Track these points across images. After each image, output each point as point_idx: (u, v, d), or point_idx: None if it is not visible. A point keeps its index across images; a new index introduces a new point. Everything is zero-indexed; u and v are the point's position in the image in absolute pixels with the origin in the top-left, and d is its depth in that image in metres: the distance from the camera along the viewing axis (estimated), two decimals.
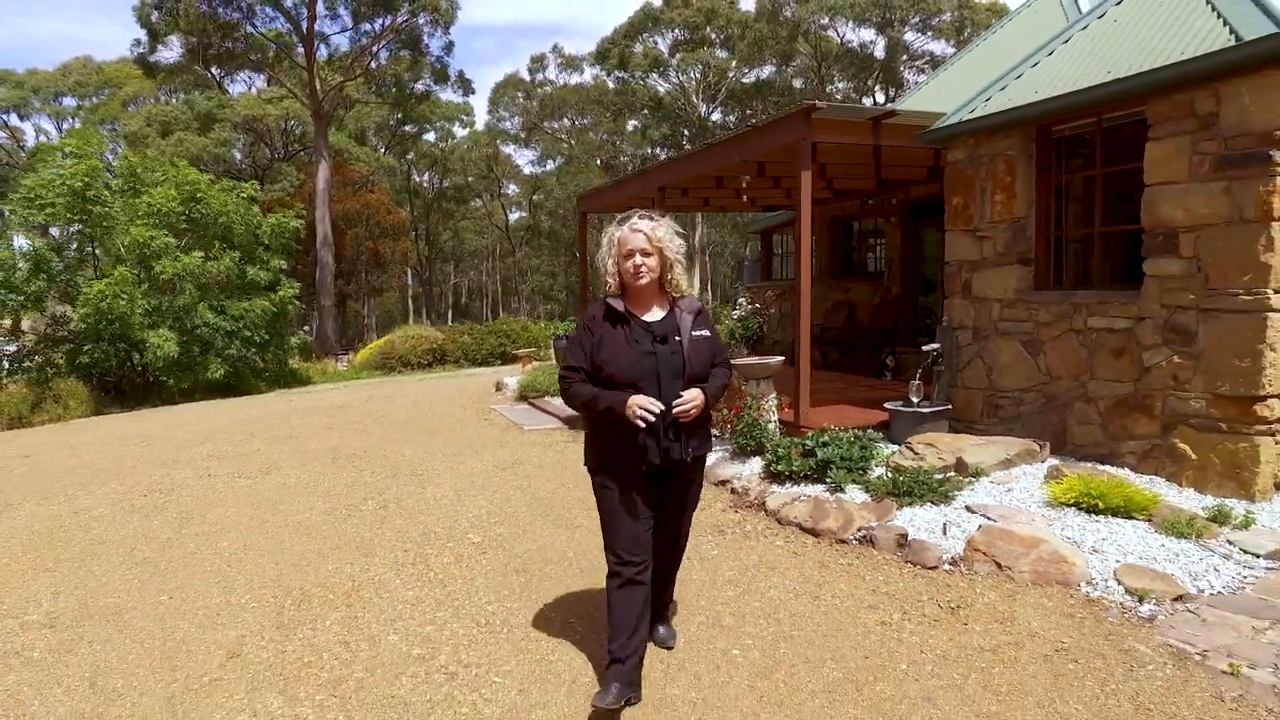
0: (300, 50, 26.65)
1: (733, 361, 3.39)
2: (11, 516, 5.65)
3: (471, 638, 3.42)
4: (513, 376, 12.57)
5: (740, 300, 14.80)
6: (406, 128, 43.69)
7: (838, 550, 4.38)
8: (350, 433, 8.93)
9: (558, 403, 9.43)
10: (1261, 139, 4.46)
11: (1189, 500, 4.68)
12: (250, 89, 38.92)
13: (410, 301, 55.99)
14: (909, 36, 43.08)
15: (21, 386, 13.43)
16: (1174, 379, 5.02)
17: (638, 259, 2.84)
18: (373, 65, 28.58)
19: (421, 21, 27.07)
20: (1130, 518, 4.34)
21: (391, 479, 6.47)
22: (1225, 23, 4.75)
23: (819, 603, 3.68)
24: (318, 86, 25.59)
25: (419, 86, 31.19)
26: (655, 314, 2.93)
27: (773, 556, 4.35)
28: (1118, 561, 3.84)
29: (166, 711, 2.86)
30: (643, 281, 2.87)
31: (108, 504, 5.92)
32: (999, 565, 3.92)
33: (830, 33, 43.57)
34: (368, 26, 26.66)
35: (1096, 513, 4.41)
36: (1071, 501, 4.52)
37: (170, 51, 27.82)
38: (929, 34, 42.97)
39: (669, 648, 3.27)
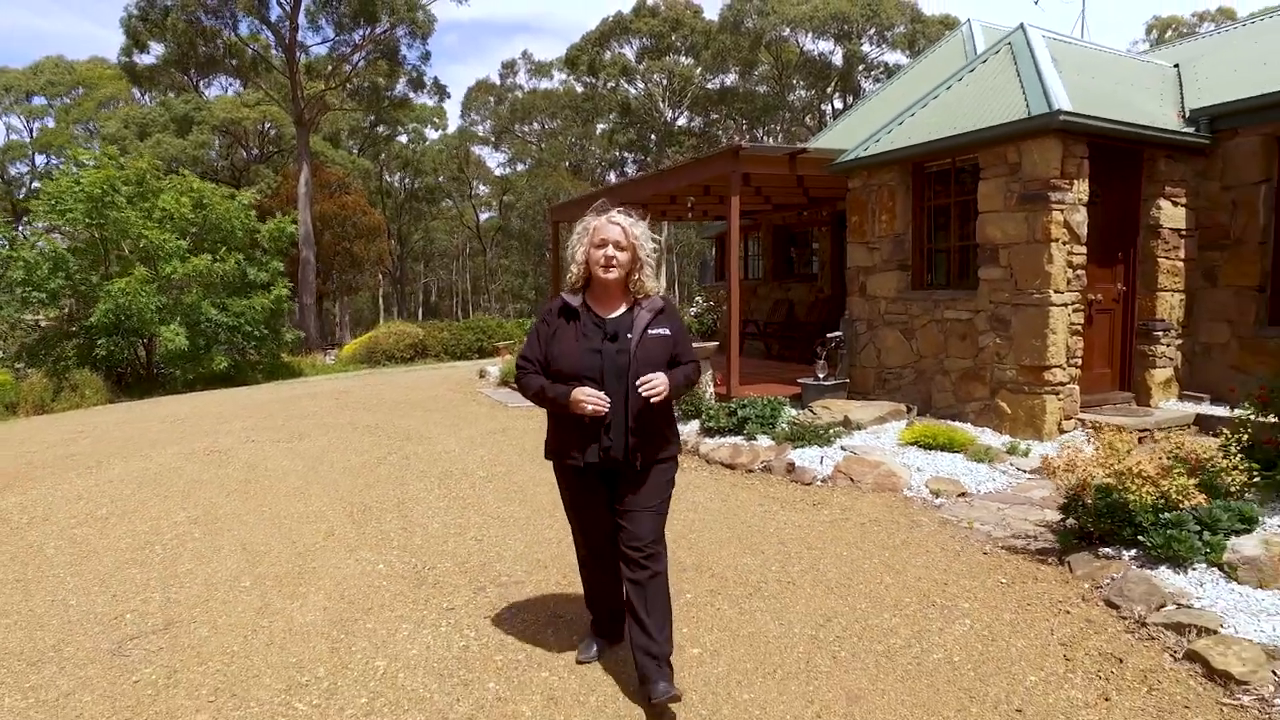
0: (282, 58, 27.82)
1: None
2: (110, 468, 7.15)
3: (489, 525, 5.08)
4: (494, 366, 14.16)
5: (697, 299, 16.60)
6: (380, 129, 44.81)
7: (746, 476, 6.12)
8: (358, 410, 10.46)
9: None
10: (1043, 184, 6.29)
11: (1002, 441, 6.48)
12: (227, 92, 39.82)
13: (381, 300, 56.97)
14: (866, 47, 45.16)
15: (41, 376, 14.68)
16: (997, 355, 6.84)
17: (610, 250, 2.81)
18: (350, 72, 29.84)
19: (400, 33, 28.44)
20: (953, 451, 6.14)
21: (405, 441, 8.06)
22: (1025, 99, 6.57)
23: (726, 503, 5.40)
24: (300, 95, 26.82)
25: (397, 91, 32.53)
26: (614, 311, 2.90)
27: (699, 481, 6.06)
28: (931, 476, 5.62)
29: (299, 560, 4.47)
30: (611, 275, 2.83)
31: (181, 460, 7.44)
32: (852, 480, 5.67)
33: (791, 42, 45.41)
34: (348, 37, 27.94)
35: (930, 449, 6.21)
36: (913, 442, 6.31)
37: (151, 56, 28.86)
38: (884, 46, 45.09)
39: (672, 697, 2.70)
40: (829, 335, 8.36)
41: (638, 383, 2.73)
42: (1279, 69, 6.93)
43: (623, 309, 2.91)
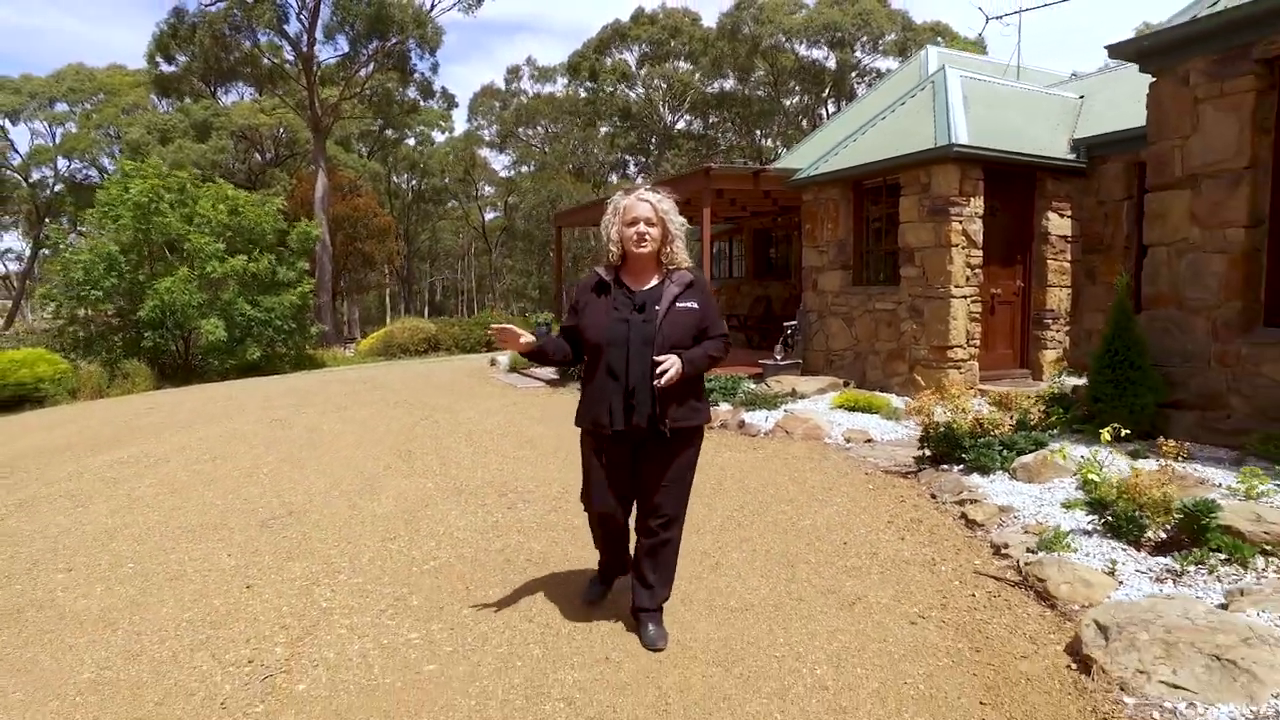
0: (298, 69, 29.49)
1: None
2: (195, 431, 8.79)
3: (506, 462, 6.69)
4: (504, 356, 15.79)
5: None
6: (389, 133, 46.49)
7: (705, 431, 7.72)
8: (386, 392, 12.10)
9: (541, 371, 12.71)
10: (945, 200, 7.89)
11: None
12: (243, 98, 41.54)
13: (388, 299, 58.63)
14: (859, 54, 46.66)
15: (96, 366, 16.35)
16: (914, 339, 8.44)
17: (641, 227, 2.93)
18: (364, 81, 31.51)
19: (410, 45, 30.10)
20: (870, 412, 7.75)
21: (433, 411, 9.69)
22: (934, 131, 8.17)
23: None
24: (316, 103, 28.49)
25: (407, 97, 34.25)
26: (647, 284, 3.02)
27: None
28: (848, 429, 7.23)
29: (369, 482, 6.09)
30: (644, 250, 2.96)
31: (251, 425, 9.07)
32: (787, 432, 7.28)
33: (786, 49, 46.86)
34: (362, 50, 29.59)
35: (853, 410, 7.82)
36: (841, 405, 7.92)
37: (175, 66, 30.50)
38: (876, 53, 46.57)
39: (657, 649, 3.04)
40: (786, 325, 9.97)
41: (653, 368, 2.84)
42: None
43: (654, 281, 3.04)
